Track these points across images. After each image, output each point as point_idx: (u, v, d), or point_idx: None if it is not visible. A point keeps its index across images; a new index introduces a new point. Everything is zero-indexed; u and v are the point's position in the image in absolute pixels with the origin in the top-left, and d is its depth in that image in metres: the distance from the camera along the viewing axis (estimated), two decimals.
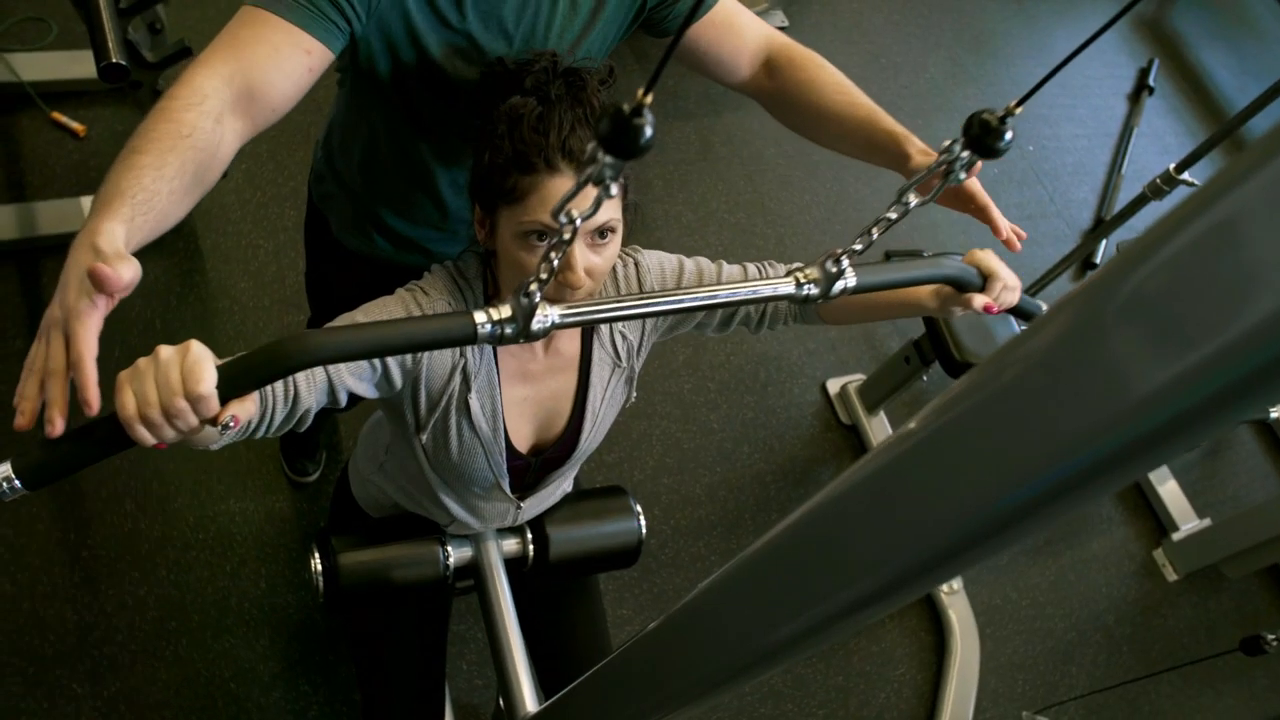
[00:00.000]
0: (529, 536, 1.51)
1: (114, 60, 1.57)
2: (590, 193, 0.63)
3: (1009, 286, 1.17)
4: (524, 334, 0.82)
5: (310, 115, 2.44)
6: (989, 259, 1.17)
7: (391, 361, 1.13)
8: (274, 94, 1.07)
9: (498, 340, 0.83)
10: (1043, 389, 0.44)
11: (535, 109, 1.06)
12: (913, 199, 0.89)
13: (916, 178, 0.87)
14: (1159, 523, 3.13)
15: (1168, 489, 3.15)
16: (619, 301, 0.91)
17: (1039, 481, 0.44)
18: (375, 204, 1.45)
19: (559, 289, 1.07)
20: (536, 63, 1.11)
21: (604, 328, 1.28)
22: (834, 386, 2.99)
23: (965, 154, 0.83)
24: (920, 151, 1.26)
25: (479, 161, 1.11)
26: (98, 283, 0.76)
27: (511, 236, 1.08)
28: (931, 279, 1.14)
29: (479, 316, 0.81)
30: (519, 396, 1.27)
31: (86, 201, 2.43)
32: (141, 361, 0.77)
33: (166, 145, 0.92)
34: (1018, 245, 1.25)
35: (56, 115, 2.58)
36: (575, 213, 0.67)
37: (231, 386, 0.78)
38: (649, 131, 0.55)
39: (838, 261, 0.96)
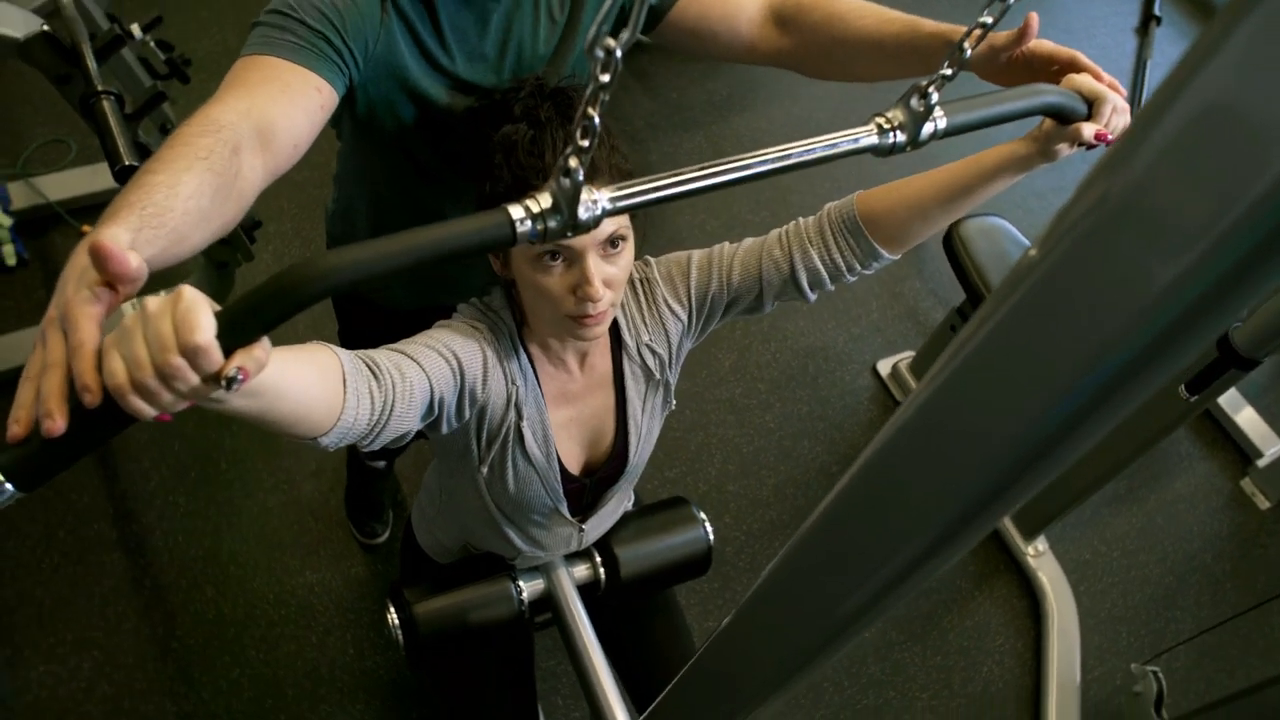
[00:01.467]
0: (598, 559, 1.51)
1: (127, 163, 1.61)
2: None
3: (1119, 109, 1.01)
4: (571, 224, 0.68)
5: (327, 188, 2.48)
6: (1090, 81, 1.02)
7: (466, 386, 1.12)
8: (292, 128, 1.02)
9: (542, 236, 0.68)
10: (1060, 303, 0.43)
11: (528, 133, 1.07)
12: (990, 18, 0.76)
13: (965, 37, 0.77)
14: (1241, 452, 3.04)
15: (1245, 416, 3.05)
16: (674, 177, 0.74)
17: (1081, 387, 0.42)
18: None
19: (580, 305, 1.08)
20: (522, 89, 1.13)
21: (631, 344, 1.28)
22: (885, 367, 2.96)
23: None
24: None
25: (481, 194, 1.13)
26: (101, 259, 0.66)
27: (526, 261, 1.09)
28: (1032, 109, 0.96)
29: (515, 211, 0.67)
30: (564, 419, 1.28)
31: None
32: (128, 319, 0.65)
33: (182, 165, 0.85)
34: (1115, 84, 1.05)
35: (86, 228, 2.65)
36: (611, 41, 0.57)
37: (235, 333, 0.65)
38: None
39: (924, 95, 0.80)
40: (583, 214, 0.68)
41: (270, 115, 0.99)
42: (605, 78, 0.57)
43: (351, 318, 1.69)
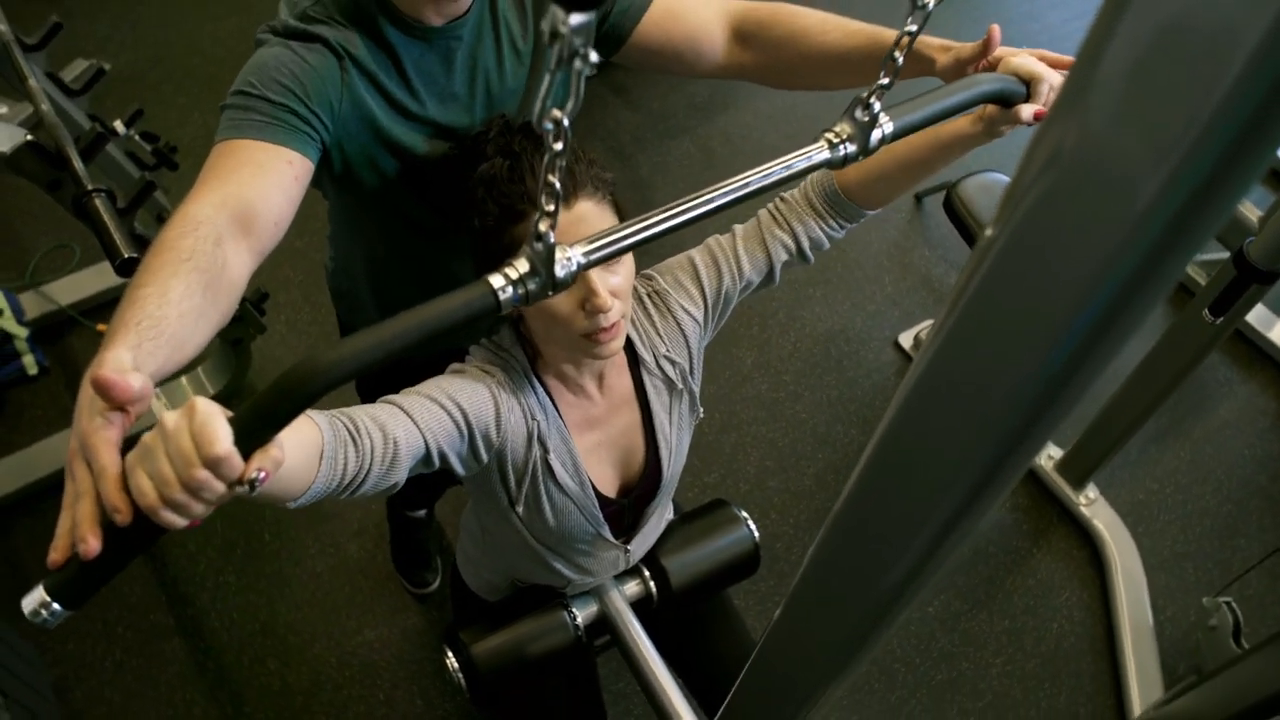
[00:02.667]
0: (647, 574, 1.50)
1: (126, 256, 1.62)
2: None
3: (1055, 85, 1.05)
4: (550, 284, 0.71)
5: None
6: (1028, 62, 1.06)
7: (476, 433, 1.12)
8: (270, 208, 1.04)
9: (524, 300, 0.70)
10: (1046, 234, 0.42)
11: (505, 164, 1.09)
12: (914, 27, 0.77)
13: (907, 16, 0.77)
14: (1279, 368, 2.99)
15: (1279, 332, 3.01)
16: (640, 223, 0.76)
17: (1099, 299, 0.41)
18: (391, 310, 1.47)
19: (591, 320, 1.07)
20: (490, 129, 1.15)
21: (649, 358, 1.27)
22: (907, 340, 2.94)
23: None
24: (941, 49, 1.18)
25: (472, 232, 1.13)
26: (104, 390, 0.71)
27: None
28: (972, 100, 1.00)
29: (496, 280, 0.69)
30: (591, 444, 1.27)
31: (152, 400, 2.51)
32: (147, 437, 0.69)
33: (168, 272, 0.88)
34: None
35: (101, 327, 2.69)
36: (558, 113, 0.57)
37: (251, 438, 0.68)
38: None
39: (867, 106, 0.84)
40: (560, 272, 0.71)
41: (246, 199, 1.01)
42: (559, 146, 0.58)
43: (368, 373, 1.70)
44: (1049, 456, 2.62)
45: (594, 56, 0.51)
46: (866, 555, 0.67)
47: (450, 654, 1.42)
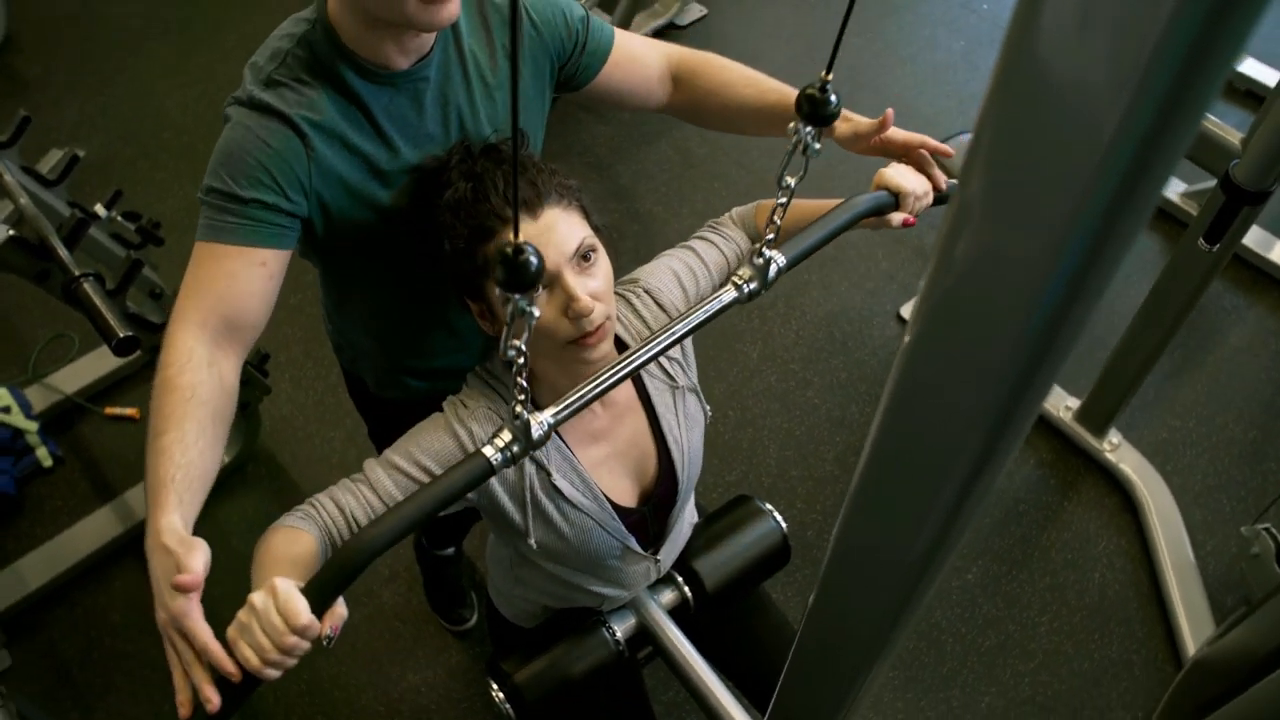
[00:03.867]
0: (679, 579, 1.49)
1: (121, 336, 1.63)
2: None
3: (919, 195, 1.25)
4: (529, 446, 0.91)
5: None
6: (895, 178, 1.25)
7: None
8: (247, 315, 1.15)
9: (513, 462, 0.92)
10: (1010, 171, 0.42)
11: (468, 186, 1.11)
12: (791, 180, 0.98)
13: (783, 163, 0.96)
14: None
15: (1278, 252, 2.99)
16: (595, 380, 0.97)
17: (1093, 208, 0.40)
18: (394, 357, 1.48)
19: (576, 325, 1.07)
20: (450, 157, 1.16)
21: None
22: (909, 311, 2.93)
23: (808, 129, 0.93)
24: (841, 119, 1.31)
25: (447, 258, 1.13)
26: (186, 590, 0.90)
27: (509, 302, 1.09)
28: (851, 222, 1.20)
29: (488, 451, 0.90)
30: (600, 457, 1.27)
31: None
32: (242, 614, 0.88)
33: (179, 414, 1.05)
34: (951, 152, 1.31)
35: (109, 410, 2.70)
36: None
37: (321, 604, 0.89)
38: (534, 261, 0.71)
39: (760, 254, 1.06)
40: (535, 434, 0.91)
41: (225, 314, 1.13)
42: (522, 343, 0.81)
43: (377, 419, 1.72)
44: (1066, 408, 2.61)
45: (536, 312, 0.78)
46: (890, 524, 0.67)
47: (495, 686, 1.41)
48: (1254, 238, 2.99)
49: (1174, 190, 3.12)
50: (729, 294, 1.06)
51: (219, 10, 4.03)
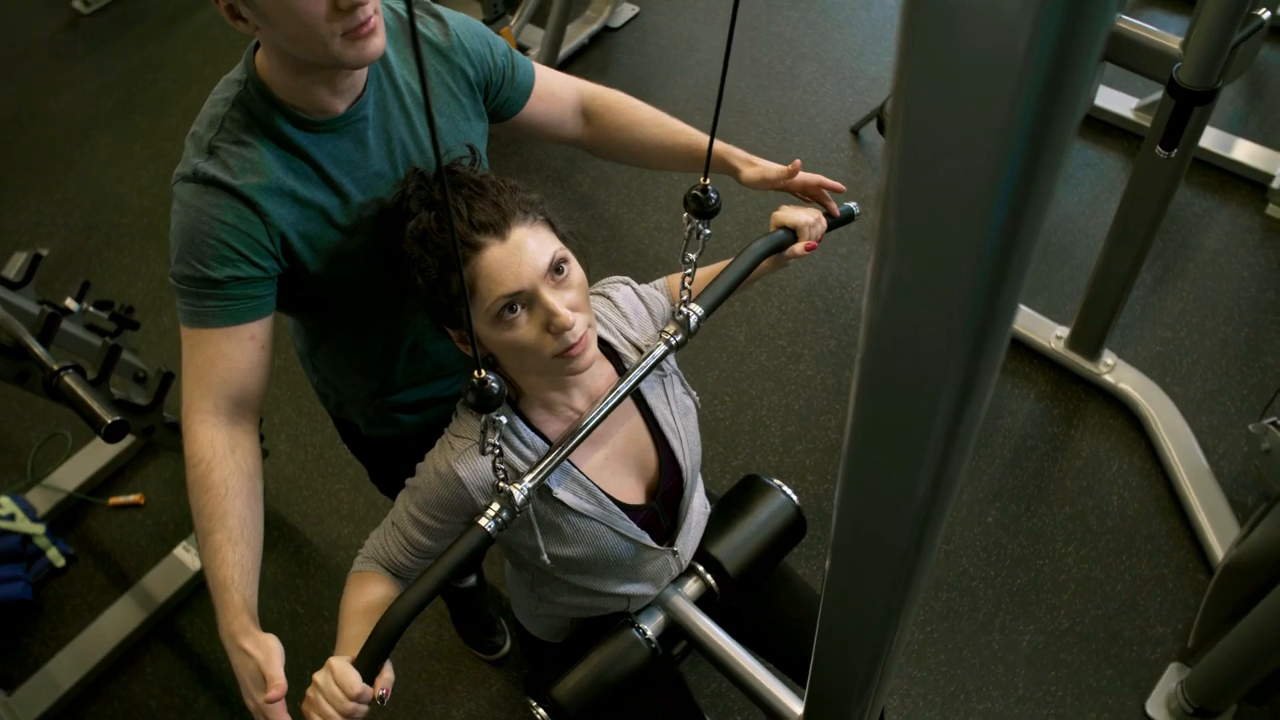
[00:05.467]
0: (701, 569, 1.49)
1: (109, 422, 1.63)
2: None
3: (811, 225, 1.35)
4: (514, 512, 1.09)
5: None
6: (787, 216, 1.34)
7: (465, 517, 1.20)
8: (251, 387, 1.22)
9: (507, 525, 1.09)
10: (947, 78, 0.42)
11: (430, 216, 1.10)
12: (693, 256, 1.20)
13: (684, 246, 1.20)
14: (1251, 184, 2.98)
15: (1240, 149, 3.00)
16: (562, 443, 1.15)
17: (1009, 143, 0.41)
18: (377, 394, 1.48)
19: (559, 339, 1.08)
20: (406, 188, 1.16)
21: (628, 353, 1.28)
22: None
23: (698, 222, 1.18)
24: (745, 162, 1.42)
25: (421, 290, 1.13)
26: (273, 702, 1.06)
27: (490, 326, 1.09)
28: (754, 263, 1.31)
29: (483, 523, 1.08)
30: (600, 460, 1.27)
31: (181, 552, 2.52)
32: (309, 691, 1.05)
33: (220, 512, 1.15)
34: (832, 207, 1.43)
35: (113, 500, 2.70)
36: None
37: (371, 670, 1.06)
38: (495, 387, 0.92)
39: (679, 311, 1.22)
40: (518, 499, 1.09)
41: (230, 393, 1.20)
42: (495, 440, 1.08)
43: (375, 461, 1.72)
44: (1057, 337, 2.61)
45: (503, 419, 0.99)
46: (889, 468, 0.67)
47: (535, 705, 1.41)
48: (1214, 140, 3.00)
49: (1126, 106, 3.13)
50: (662, 348, 1.21)
51: (156, 90, 4.03)
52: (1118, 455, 2.49)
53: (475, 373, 0.90)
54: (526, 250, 1.08)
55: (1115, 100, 3.16)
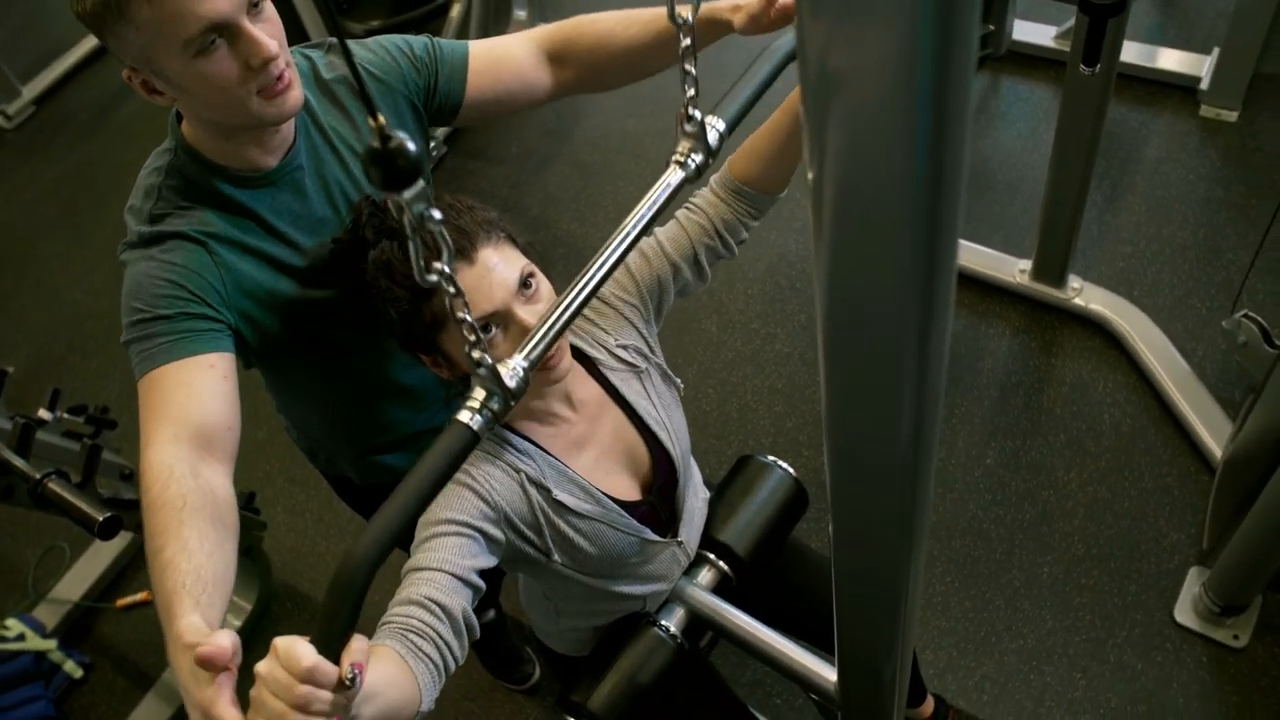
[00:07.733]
0: (712, 557, 1.49)
1: (101, 519, 1.62)
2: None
3: None
4: (510, 396, 0.76)
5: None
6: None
7: (484, 523, 1.13)
8: (215, 417, 1.09)
9: (497, 419, 0.75)
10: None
11: (392, 246, 1.09)
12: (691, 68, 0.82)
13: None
14: (1182, 90, 3.02)
15: (1165, 57, 3.04)
16: (557, 308, 0.81)
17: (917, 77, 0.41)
18: (361, 440, 1.48)
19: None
20: (360, 218, 1.14)
21: (603, 356, 1.29)
22: None
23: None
24: (731, 9, 1.22)
25: (392, 322, 1.13)
26: (209, 664, 0.79)
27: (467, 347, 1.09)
28: (780, 67, 1.03)
29: (463, 416, 0.74)
30: (590, 461, 1.27)
31: None
32: (253, 691, 0.77)
33: (174, 526, 0.97)
34: None
35: (120, 602, 2.68)
36: (438, 264, 0.64)
37: (331, 644, 0.76)
38: (410, 146, 0.55)
39: (690, 119, 0.86)
40: (511, 382, 0.75)
41: (193, 423, 1.07)
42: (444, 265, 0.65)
43: (372, 512, 1.71)
44: (1020, 271, 2.63)
45: (436, 215, 0.58)
46: (869, 413, 0.68)
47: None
48: (1137, 53, 3.04)
49: (1046, 36, 3.17)
50: (676, 174, 0.88)
51: (94, 191, 4.01)
52: (1101, 375, 2.51)
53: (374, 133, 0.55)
54: (496, 270, 1.08)
55: (1035, 32, 3.20)
